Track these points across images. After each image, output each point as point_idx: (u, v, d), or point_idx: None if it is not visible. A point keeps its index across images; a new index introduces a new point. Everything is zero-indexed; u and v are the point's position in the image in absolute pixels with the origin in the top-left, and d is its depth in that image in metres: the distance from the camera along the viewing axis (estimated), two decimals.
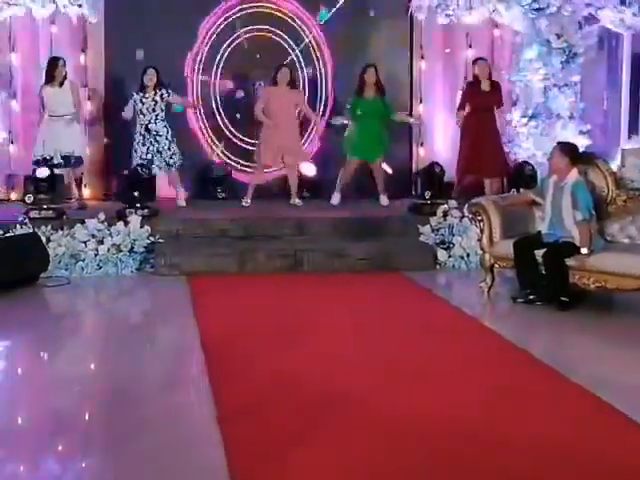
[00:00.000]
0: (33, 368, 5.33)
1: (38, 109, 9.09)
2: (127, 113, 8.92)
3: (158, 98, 8.89)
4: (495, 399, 4.44)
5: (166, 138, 8.96)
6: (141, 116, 8.89)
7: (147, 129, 8.90)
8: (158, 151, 8.91)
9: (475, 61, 9.52)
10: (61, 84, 8.79)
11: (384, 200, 9.45)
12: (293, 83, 9.26)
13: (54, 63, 8.83)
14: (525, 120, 9.75)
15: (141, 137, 8.92)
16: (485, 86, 9.34)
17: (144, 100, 8.88)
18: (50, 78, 8.78)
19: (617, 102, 10.32)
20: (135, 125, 8.97)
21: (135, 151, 8.93)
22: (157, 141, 8.91)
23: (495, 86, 9.41)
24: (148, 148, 8.89)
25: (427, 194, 8.78)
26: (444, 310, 6.53)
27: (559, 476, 3.52)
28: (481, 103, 9.27)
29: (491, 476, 3.52)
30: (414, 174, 9.81)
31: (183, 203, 9.16)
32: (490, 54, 10.19)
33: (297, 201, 9.30)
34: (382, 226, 8.44)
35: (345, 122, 9.54)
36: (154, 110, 8.88)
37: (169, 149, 8.96)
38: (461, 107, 9.46)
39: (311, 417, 4.13)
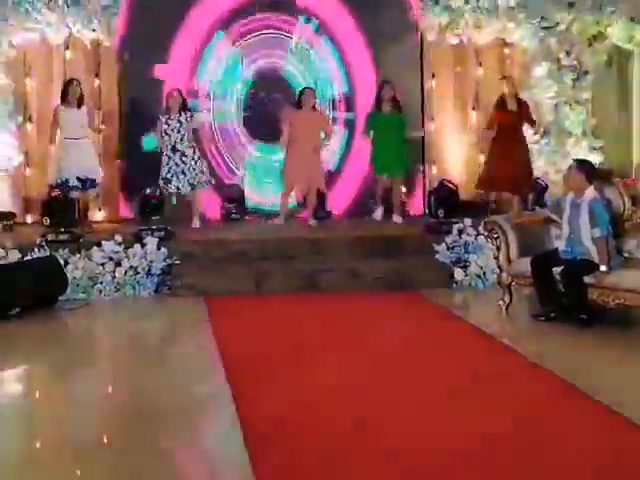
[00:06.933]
0: (53, 390, 5.35)
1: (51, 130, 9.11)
2: (157, 141, 9.08)
3: (183, 119, 8.98)
4: (520, 417, 4.45)
5: (192, 159, 9.03)
6: (166, 137, 8.96)
7: (174, 149, 8.96)
8: (183, 172, 8.96)
9: (502, 78, 9.50)
10: (79, 106, 8.88)
11: (397, 218, 9.51)
12: (315, 106, 9.31)
13: (67, 83, 8.95)
14: (537, 137, 9.77)
15: (167, 158, 8.98)
16: (512, 104, 9.32)
17: (169, 122, 8.96)
18: (63, 98, 8.87)
19: (628, 118, 10.35)
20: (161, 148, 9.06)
21: (161, 172, 9.01)
22: (183, 161, 8.97)
23: (522, 105, 9.34)
24: (171, 167, 8.95)
25: (440, 212, 8.81)
26: (463, 329, 6.54)
27: None
28: (507, 121, 9.20)
29: None
30: (429, 192, 9.81)
31: (197, 224, 9.18)
32: (500, 73, 10.23)
33: (313, 222, 9.35)
34: (398, 245, 8.43)
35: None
36: (179, 131, 8.96)
37: (194, 169, 9.02)
38: (489, 126, 9.39)
39: (336, 441, 4.14)
